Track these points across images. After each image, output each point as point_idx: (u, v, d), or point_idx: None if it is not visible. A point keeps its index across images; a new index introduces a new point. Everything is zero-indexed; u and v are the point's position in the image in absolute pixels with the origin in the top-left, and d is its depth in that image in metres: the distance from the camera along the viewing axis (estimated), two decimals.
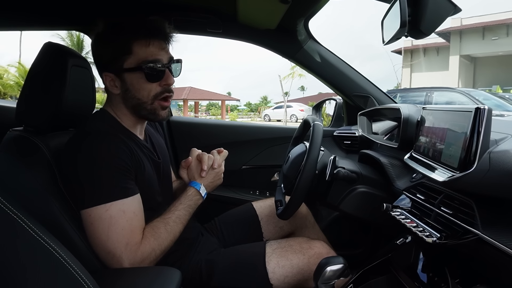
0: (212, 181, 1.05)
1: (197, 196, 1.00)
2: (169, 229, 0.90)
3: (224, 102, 29.57)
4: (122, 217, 0.83)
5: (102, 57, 0.92)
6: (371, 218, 1.14)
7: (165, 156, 1.12)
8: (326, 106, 2.21)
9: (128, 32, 0.88)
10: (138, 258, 0.84)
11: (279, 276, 0.96)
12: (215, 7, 1.39)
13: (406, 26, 0.76)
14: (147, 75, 0.89)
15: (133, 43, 0.88)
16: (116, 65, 0.90)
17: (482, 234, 0.64)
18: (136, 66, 0.89)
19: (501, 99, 6.69)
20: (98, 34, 0.92)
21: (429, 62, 20.91)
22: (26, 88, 0.92)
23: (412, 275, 0.87)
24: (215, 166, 1.05)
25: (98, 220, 0.82)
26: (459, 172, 0.68)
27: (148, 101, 0.92)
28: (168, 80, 0.92)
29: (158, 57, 0.90)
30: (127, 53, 0.88)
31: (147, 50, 0.89)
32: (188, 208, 0.97)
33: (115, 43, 0.89)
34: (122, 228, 0.83)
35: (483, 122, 0.66)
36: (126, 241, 0.83)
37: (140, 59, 0.88)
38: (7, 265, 0.51)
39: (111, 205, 0.82)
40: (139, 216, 0.87)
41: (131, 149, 0.90)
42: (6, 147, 0.88)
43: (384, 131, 1.48)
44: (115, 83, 0.92)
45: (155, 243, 0.87)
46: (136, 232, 0.85)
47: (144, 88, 0.91)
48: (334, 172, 1.08)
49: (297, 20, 1.38)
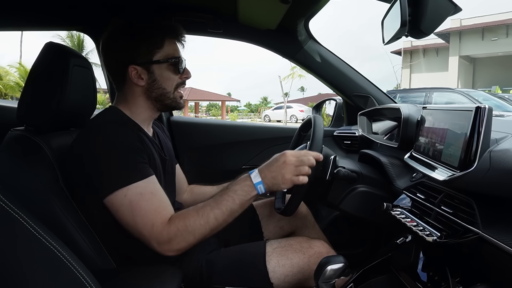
0: (276, 172, 0.90)
1: (247, 182, 0.91)
2: (201, 212, 0.88)
3: (224, 102, 29.57)
4: (141, 200, 0.84)
5: (131, 51, 0.96)
6: (371, 217, 1.14)
7: (171, 155, 1.14)
8: (326, 106, 2.22)
9: (161, 29, 0.99)
10: (165, 238, 0.84)
11: (280, 275, 0.96)
12: (216, 8, 1.39)
13: (406, 26, 0.77)
14: (174, 67, 1.00)
15: (165, 39, 0.99)
16: (146, 57, 0.97)
17: (483, 233, 0.64)
18: (164, 59, 0.98)
19: (501, 100, 6.69)
20: (125, 31, 0.98)
21: (428, 62, 20.92)
22: (27, 88, 0.92)
23: (412, 274, 0.87)
24: (302, 156, 0.91)
25: (121, 207, 0.84)
26: (460, 171, 0.68)
27: (172, 90, 1.01)
28: (188, 74, 1.05)
29: (180, 54, 1.02)
30: (159, 47, 0.98)
31: (173, 47, 1.01)
32: (233, 193, 0.89)
33: (149, 38, 0.97)
34: (144, 210, 0.84)
35: (484, 121, 0.66)
36: (152, 222, 0.84)
37: (169, 54, 0.99)
38: (7, 264, 0.50)
39: (128, 190, 0.83)
40: (158, 195, 0.88)
41: (142, 138, 0.93)
42: (8, 147, 0.88)
43: (384, 131, 1.48)
44: (141, 76, 0.97)
45: (181, 223, 0.86)
46: (160, 212, 0.86)
47: (169, 78, 1.00)
48: (334, 171, 1.08)
49: (298, 20, 1.39)
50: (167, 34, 1.00)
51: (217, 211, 0.88)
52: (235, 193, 0.89)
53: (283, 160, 0.91)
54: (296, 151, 0.94)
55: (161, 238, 0.84)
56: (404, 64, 20.95)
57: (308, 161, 0.91)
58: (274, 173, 0.90)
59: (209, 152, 1.75)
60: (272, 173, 0.91)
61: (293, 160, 0.91)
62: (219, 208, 0.88)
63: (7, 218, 0.53)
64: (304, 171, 0.91)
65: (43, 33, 73.63)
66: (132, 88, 0.99)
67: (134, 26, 0.98)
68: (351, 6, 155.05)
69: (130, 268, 0.86)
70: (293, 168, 0.90)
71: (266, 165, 0.93)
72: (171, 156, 1.15)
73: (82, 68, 0.97)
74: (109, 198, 0.84)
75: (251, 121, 19.50)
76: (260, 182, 0.90)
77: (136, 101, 0.99)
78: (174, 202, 1.12)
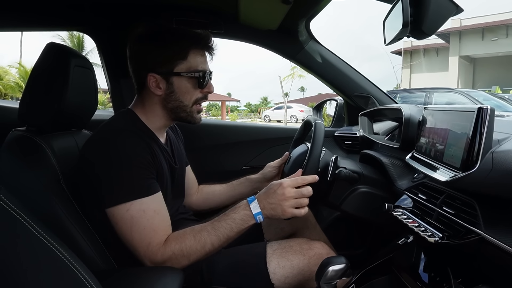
0: (276, 204, 0.90)
1: (245, 211, 0.90)
2: (198, 237, 0.88)
3: (224, 103, 29.57)
4: (142, 217, 0.84)
5: (152, 59, 0.94)
6: (372, 218, 1.14)
7: (181, 162, 1.14)
8: (327, 107, 2.21)
9: (188, 40, 0.94)
10: (159, 260, 0.85)
11: (280, 276, 0.96)
12: (217, 8, 1.39)
13: (408, 27, 0.77)
14: (197, 82, 0.96)
15: (189, 51, 0.94)
16: (167, 67, 0.93)
17: (485, 234, 0.64)
18: (187, 72, 0.94)
19: (501, 100, 6.69)
20: (148, 36, 0.94)
21: (428, 63, 20.93)
22: (28, 88, 0.92)
23: (414, 275, 0.87)
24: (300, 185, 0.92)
25: (120, 220, 0.84)
26: (462, 172, 0.68)
27: (189, 104, 0.98)
28: (211, 88, 1.00)
29: (205, 67, 0.98)
30: (182, 58, 0.94)
31: (199, 59, 0.96)
32: (231, 221, 0.89)
33: (173, 47, 0.93)
34: (143, 227, 0.84)
35: (486, 122, 0.66)
36: (148, 241, 0.85)
37: (192, 66, 0.95)
38: (8, 264, 0.50)
39: (131, 205, 0.84)
40: (161, 214, 0.88)
41: (153, 150, 0.92)
42: (9, 147, 0.88)
43: (385, 131, 1.48)
44: (159, 85, 0.95)
45: (176, 247, 0.86)
46: (159, 232, 0.86)
47: (188, 92, 0.96)
48: (335, 172, 1.08)
49: (299, 20, 1.39)
50: (193, 45, 0.95)
51: (214, 238, 0.89)
52: (234, 221, 0.90)
53: (282, 192, 0.91)
54: (293, 180, 0.93)
55: (155, 258, 0.85)
56: (404, 64, 20.96)
57: (307, 193, 0.92)
58: (274, 204, 0.91)
59: (209, 153, 1.74)
60: (271, 205, 0.91)
61: (292, 192, 0.91)
62: (216, 235, 0.89)
63: (8, 219, 0.53)
64: (304, 203, 0.92)
65: (43, 33, 73.64)
66: (150, 95, 0.97)
67: (159, 33, 0.94)
68: (351, 6, 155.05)
69: (131, 269, 0.86)
70: (293, 201, 0.91)
71: (265, 195, 0.93)
72: (182, 162, 1.14)
73: (83, 68, 0.97)
74: (111, 210, 0.84)
75: (251, 121, 19.50)
76: (259, 212, 0.91)
77: (152, 108, 0.98)
78: (180, 206, 1.13)
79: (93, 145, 0.90)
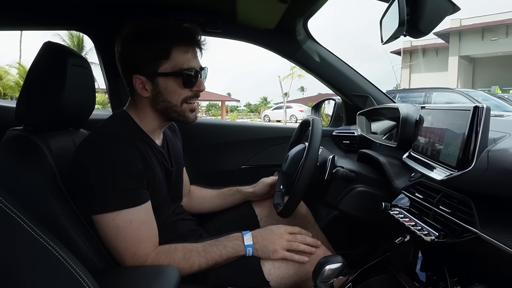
0: (269, 241, 0.95)
1: (237, 241, 0.94)
2: (188, 257, 0.89)
3: (224, 102, 29.57)
4: (128, 227, 0.84)
5: (135, 60, 0.90)
6: (370, 217, 1.14)
7: (179, 163, 1.12)
8: (325, 106, 2.21)
9: (169, 38, 0.89)
10: None
11: (275, 277, 0.95)
12: (214, 7, 1.39)
13: (404, 25, 0.77)
14: (183, 81, 0.91)
15: (172, 49, 0.89)
16: (151, 68, 0.90)
17: (481, 232, 0.64)
18: (172, 72, 0.90)
19: (501, 100, 6.69)
20: (132, 35, 0.90)
21: (428, 62, 20.93)
22: (25, 88, 0.92)
23: (410, 274, 0.87)
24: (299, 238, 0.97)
25: (106, 228, 0.84)
26: (458, 170, 0.68)
27: (178, 104, 0.94)
28: (201, 86, 0.95)
29: (193, 65, 0.92)
30: (165, 58, 0.89)
31: (185, 57, 0.90)
32: (222, 248, 0.92)
33: (154, 47, 0.88)
34: (129, 237, 0.84)
35: (481, 120, 0.66)
36: (134, 251, 0.85)
37: (177, 65, 0.90)
38: (5, 264, 0.50)
39: (118, 214, 0.83)
40: (148, 225, 0.88)
41: (145, 156, 0.91)
42: (6, 147, 0.88)
43: (383, 130, 1.48)
44: (145, 86, 0.92)
45: (165, 261, 0.87)
46: (144, 243, 0.86)
47: (175, 92, 0.92)
48: (333, 171, 1.08)
49: (296, 20, 1.39)
50: (175, 42, 0.89)
51: (202, 260, 0.90)
52: (225, 248, 0.93)
53: (278, 231, 0.96)
54: (293, 228, 1.00)
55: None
56: (403, 64, 20.96)
57: (302, 239, 0.97)
58: (267, 241, 0.95)
59: (208, 152, 1.74)
60: (265, 241, 0.95)
61: (287, 235, 0.96)
62: (206, 258, 0.91)
63: (5, 218, 0.53)
64: (295, 247, 0.96)
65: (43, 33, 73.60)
66: (139, 97, 0.95)
67: (140, 32, 0.90)
68: (350, 6, 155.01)
69: (128, 268, 0.86)
70: (286, 243, 0.95)
71: (260, 232, 0.97)
72: (180, 164, 1.13)
73: (80, 67, 0.97)
74: (98, 216, 0.84)
75: (250, 121, 19.50)
76: (250, 245, 0.94)
77: (144, 110, 0.96)
78: (177, 207, 1.12)
79: (86, 149, 0.88)
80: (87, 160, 0.86)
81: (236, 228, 1.24)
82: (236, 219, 1.28)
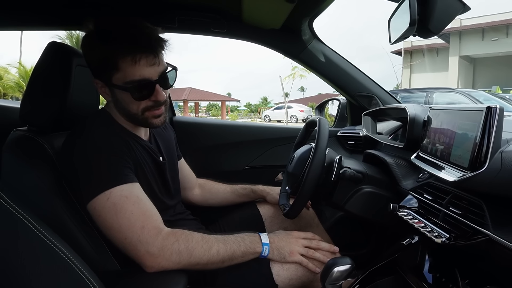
0: (285, 243, 0.95)
1: (255, 238, 0.93)
2: (206, 239, 0.86)
3: (224, 102, 29.58)
4: (126, 202, 0.79)
5: (91, 62, 0.87)
6: (377, 218, 1.13)
7: (171, 155, 1.10)
8: (329, 107, 2.21)
9: (115, 47, 0.80)
10: (158, 244, 0.78)
11: (284, 278, 0.95)
12: (220, 7, 1.38)
13: (415, 25, 0.76)
14: (134, 95, 0.84)
15: (119, 60, 0.81)
16: (105, 76, 0.85)
17: (493, 234, 0.63)
18: (123, 85, 0.83)
19: (501, 100, 6.69)
20: (87, 36, 0.84)
21: (428, 63, 20.93)
22: (30, 88, 0.92)
23: (419, 276, 0.87)
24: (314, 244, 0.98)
25: (102, 210, 0.79)
26: (470, 171, 0.68)
27: (138, 113, 0.88)
28: (158, 97, 0.87)
29: (146, 76, 0.83)
30: (114, 68, 0.82)
31: (135, 68, 0.81)
32: (241, 239, 0.90)
33: (102, 55, 0.82)
34: (130, 212, 0.79)
35: (495, 121, 0.65)
36: (141, 224, 0.78)
37: (128, 77, 0.82)
38: (11, 264, 0.50)
39: (111, 193, 0.79)
40: (145, 201, 0.84)
41: (129, 143, 0.90)
42: (10, 147, 0.87)
43: (388, 131, 1.48)
44: (105, 91, 0.89)
45: (183, 236, 0.82)
46: (149, 216, 0.81)
47: (134, 103, 0.86)
48: (340, 172, 1.07)
49: (302, 19, 1.38)
50: (122, 53, 0.80)
51: (221, 246, 0.87)
52: (243, 240, 0.91)
53: (295, 235, 0.98)
54: (307, 234, 1.02)
55: (153, 242, 0.78)
56: (404, 64, 20.98)
57: (316, 246, 0.99)
58: (284, 242, 0.95)
59: (211, 152, 1.74)
60: (282, 242, 0.95)
61: (304, 241, 0.98)
62: (224, 245, 0.87)
63: (11, 219, 0.53)
64: (310, 254, 0.96)
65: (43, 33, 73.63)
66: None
67: (92, 39, 0.82)
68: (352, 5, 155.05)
69: (134, 270, 0.85)
70: (303, 248, 0.96)
71: (276, 234, 0.98)
72: (172, 156, 1.11)
73: (85, 68, 0.96)
74: (92, 203, 0.79)
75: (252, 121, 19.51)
76: (267, 244, 0.94)
77: (114, 111, 0.94)
78: (176, 204, 1.11)
79: (69, 141, 0.87)
80: (70, 151, 0.84)
81: (241, 228, 1.24)
82: (240, 219, 1.27)
